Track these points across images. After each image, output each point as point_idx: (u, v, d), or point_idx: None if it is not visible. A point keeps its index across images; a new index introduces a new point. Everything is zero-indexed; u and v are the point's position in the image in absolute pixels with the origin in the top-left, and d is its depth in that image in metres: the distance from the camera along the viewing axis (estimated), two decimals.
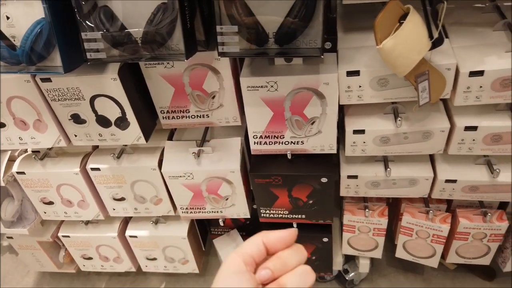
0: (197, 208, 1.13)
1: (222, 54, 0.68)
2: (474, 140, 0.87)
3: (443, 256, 1.17)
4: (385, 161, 0.99)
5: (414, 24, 0.67)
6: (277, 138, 0.94)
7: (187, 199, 1.11)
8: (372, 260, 1.32)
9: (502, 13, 0.85)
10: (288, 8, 0.64)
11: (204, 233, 1.45)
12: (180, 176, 1.05)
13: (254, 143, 0.96)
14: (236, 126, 1.00)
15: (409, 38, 0.67)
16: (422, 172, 0.98)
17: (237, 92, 0.90)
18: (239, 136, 1.03)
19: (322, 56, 0.66)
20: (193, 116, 0.97)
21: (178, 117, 0.98)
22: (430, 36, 0.69)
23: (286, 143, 0.94)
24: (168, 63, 0.86)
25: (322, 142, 0.93)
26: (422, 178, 0.98)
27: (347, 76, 0.82)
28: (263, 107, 0.88)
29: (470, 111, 0.87)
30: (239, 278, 0.36)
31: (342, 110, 0.94)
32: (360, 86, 0.83)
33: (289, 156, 0.96)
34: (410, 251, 1.17)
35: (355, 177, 1.00)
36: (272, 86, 0.85)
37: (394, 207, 1.23)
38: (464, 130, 0.86)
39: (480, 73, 0.77)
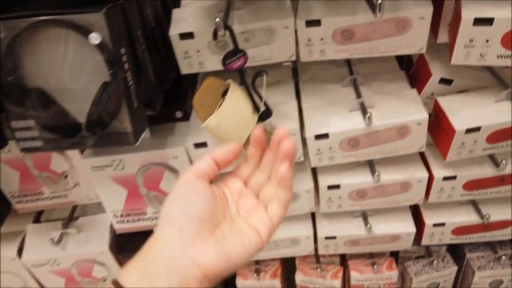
0: None
1: (25, 150, 0.61)
2: (329, 198, 0.85)
3: None
4: None
5: (235, 100, 0.63)
6: (139, 215, 0.87)
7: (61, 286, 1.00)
8: None
9: (350, 68, 0.85)
10: (93, 94, 0.59)
11: None
12: (45, 264, 0.94)
13: (116, 222, 0.88)
14: None
15: (232, 114, 0.63)
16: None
17: None
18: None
19: (135, 144, 0.61)
20: (48, 198, 0.88)
21: (32, 200, 0.89)
22: (257, 109, 0.66)
23: (151, 219, 0.88)
24: (118, 164, 0.79)
25: None
26: (303, 237, 0.94)
27: (195, 148, 0.77)
28: (115, 186, 0.81)
29: (332, 170, 0.85)
30: (189, 186, 0.39)
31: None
32: None
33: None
34: None
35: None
36: (118, 165, 0.78)
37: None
38: (328, 189, 0.84)
39: (325, 136, 0.75)
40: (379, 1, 0.56)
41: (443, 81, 0.76)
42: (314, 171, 0.88)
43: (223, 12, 0.64)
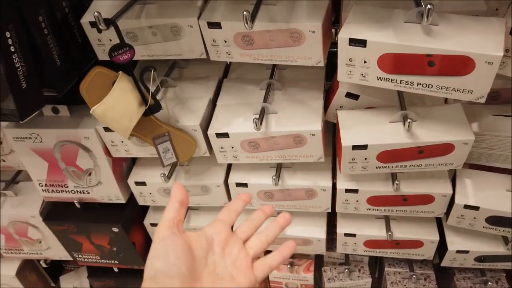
0: (16, 249, 1.11)
1: None
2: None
3: None
4: None
5: (122, 90, 0.67)
6: (61, 187, 0.93)
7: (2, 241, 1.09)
8: None
9: (273, 71, 0.86)
10: None
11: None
12: None
13: (42, 190, 0.95)
14: None
15: (118, 104, 0.67)
16: None
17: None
18: None
19: (20, 121, 0.66)
20: (72, 191, 0.94)
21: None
22: (145, 102, 0.70)
23: (72, 191, 0.93)
24: (36, 138, 0.84)
25: (106, 192, 0.92)
26: None
27: (105, 131, 0.81)
28: (36, 157, 0.87)
29: (242, 168, 0.88)
30: (166, 243, 0.42)
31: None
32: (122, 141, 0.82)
33: (77, 205, 0.95)
34: None
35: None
36: (36, 138, 0.84)
37: None
38: (236, 186, 0.87)
39: (226, 135, 0.78)
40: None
41: (349, 95, 0.77)
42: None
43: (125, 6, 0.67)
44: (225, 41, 0.73)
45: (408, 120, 0.67)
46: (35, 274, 1.29)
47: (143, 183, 0.91)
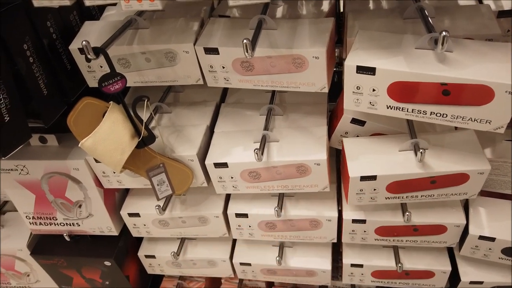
0: (2, 282, 1.05)
1: None
2: (239, 225, 0.83)
3: None
4: None
5: (113, 122, 0.62)
6: (50, 219, 0.87)
7: None
8: None
9: (273, 96, 0.81)
10: None
11: None
12: None
13: (30, 223, 0.89)
14: None
15: (109, 137, 0.63)
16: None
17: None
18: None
19: (4, 157, 0.61)
20: (61, 224, 0.89)
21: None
22: (138, 133, 0.65)
23: (62, 224, 0.88)
24: (22, 169, 0.79)
25: (98, 224, 0.87)
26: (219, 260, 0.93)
27: (96, 162, 0.76)
28: (23, 189, 0.82)
29: (243, 198, 0.83)
30: None
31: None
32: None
33: (66, 238, 0.90)
34: None
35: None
36: (22, 170, 0.79)
37: None
38: (236, 217, 0.82)
39: (225, 164, 0.73)
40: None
41: (355, 121, 0.73)
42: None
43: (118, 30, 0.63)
44: (223, 67, 0.68)
45: (421, 151, 0.62)
46: None
47: (137, 215, 0.86)
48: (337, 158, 0.90)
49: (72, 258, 0.91)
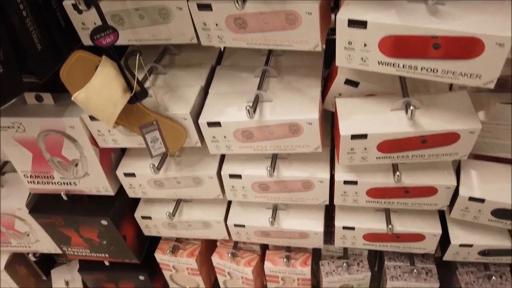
0: (3, 242, 1.07)
1: None
2: (233, 186, 0.84)
3: None
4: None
5: (105, 76, 0.63)
6: (47, 178, 0.89)
7: None
8: None
9: (269, 58, 0.81)
10: None
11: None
12: None
13: (28, 182, 0.91)
14: None
15: (101, 90, 0.63)
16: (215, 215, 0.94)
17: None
18: None
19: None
20: (58, 183, 0.90)
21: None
22: (131, 88, 0.65)
23: (59, 183, 0.90)
24: (18, 127, 0.80)
25: (94, 184, 0.89)
26: (214, 221, 0.95)
27: (91, 120, 0.77)
28: (20, 147, 0.83)
29: (236, 160, 0.84)
30: None
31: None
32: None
33: (64, 197, 0.91)
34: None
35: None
36: (19, 127, 0.80)
37: None
38: (230, 178, 0.83)
39: (218, 123, 0.74)
40: None
41: (349, 82, 0.73)
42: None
43: None
44: (217, 24, 0.68)
45: (411, 108, 0.63)
46: (25, 267, 1.26)
47: (133, 175, 0.87)
48: (331, 123, 0.91)
49: (69, 217, 0.93)
